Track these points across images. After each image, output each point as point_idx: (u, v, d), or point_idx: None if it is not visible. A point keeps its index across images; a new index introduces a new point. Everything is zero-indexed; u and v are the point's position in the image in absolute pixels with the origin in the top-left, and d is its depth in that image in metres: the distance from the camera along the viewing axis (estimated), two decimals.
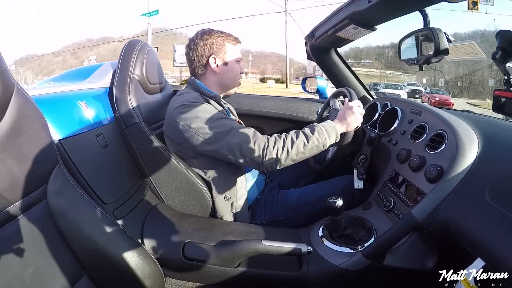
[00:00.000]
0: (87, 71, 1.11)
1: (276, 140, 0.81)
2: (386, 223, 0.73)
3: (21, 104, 0.50)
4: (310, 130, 0.83)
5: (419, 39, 0.87)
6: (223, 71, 0.96)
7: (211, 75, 0.96)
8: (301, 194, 0.97)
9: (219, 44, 0.95)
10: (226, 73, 0.97)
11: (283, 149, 0.79)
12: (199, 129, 0.82)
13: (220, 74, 0.97)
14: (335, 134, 0.84)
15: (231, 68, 0.97)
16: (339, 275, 0.69)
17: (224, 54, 0.96)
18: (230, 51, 0.96)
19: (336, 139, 0.84)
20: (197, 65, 0.96)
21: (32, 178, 0.52)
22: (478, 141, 0.68)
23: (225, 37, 0.96)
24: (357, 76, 1.35)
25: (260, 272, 0.72)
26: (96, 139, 0.79)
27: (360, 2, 0.81)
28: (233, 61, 0.97)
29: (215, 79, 0.97)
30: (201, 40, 0.94)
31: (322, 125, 0.84)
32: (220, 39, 0.95)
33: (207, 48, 0.94)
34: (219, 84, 0.98)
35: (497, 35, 0.57)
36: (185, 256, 0.74)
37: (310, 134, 0.81)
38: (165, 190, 0.93)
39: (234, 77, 0.99)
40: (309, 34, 1.20)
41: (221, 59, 0.96)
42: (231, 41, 0.97)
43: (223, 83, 0.98)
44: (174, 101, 0.89)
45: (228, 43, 0.96)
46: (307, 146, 0.80)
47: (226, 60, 0.96)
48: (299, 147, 0.80)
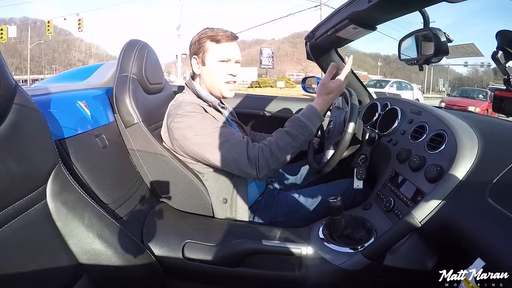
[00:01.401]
0: (87, 71, 1.11)
1: (264, 153, 0.79)
2: (386, 223, 0.73)
3: (21, 104, 0.50)
4: (293, 126, 0.81)
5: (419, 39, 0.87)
6: (203, 72, 0.92)
7: (198, 76, 0.95)
8: (301, 195, 0.96)
9: (200, 43, 0.90)
10: (206, 75, 0.92)
11: (272, 157, 0.79)
12: (194, 141, 0.81)
13: (202, 76, 0.93)
14: (317, 116, 0.82)
15: (211, 69, 0.90)
16: (339, 275, 0.69)
17: (203, 53, 0.90)
18: (210, 51, 0.89)
19: (321, 121, 0.84)
20: (191, 65, 0.95)
21: (32, 178, 0.52)
22: (478, 141, 0.68)
23: (208, 35, 0.89)
24: (357, 76, 1.35)
25: (260, 272, 0.72)
26: (96, 139, 0.79)
27: (360, 2, 0.80)
28: (213, 61, 0.89)
29: (200, 80, 0.95)
30: (192, 40, 0.93)
31: (302, 115, 0.82)
32: (203, 38, 0.89)
33: (192, 48, 0.92)
34: (205, 87, 0.94)
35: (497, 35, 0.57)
36: (185, 256, 0.74)
37: (294, 132, 0.80)
38: (165, 190, 0.93)
39: (215, 79, 0.91)
40: (309, 34, 1.19)
41: (200, 59, 0.91)
42: (214, 39, 0.89)
43: (206, 85, 0.94)
44: (171, 108, 0.88)
45: (209, 42, 0.89)
46: (294, 146, 0.80)
47: (204, 60, 0.90)
48: (287, 150, 0.80)
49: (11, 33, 15.97)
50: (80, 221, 0.58)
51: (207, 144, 0.81)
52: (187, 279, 0.78)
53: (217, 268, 0.72)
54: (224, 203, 0.88)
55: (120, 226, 0.66)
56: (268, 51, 19.60)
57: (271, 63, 19.72)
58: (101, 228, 0.61)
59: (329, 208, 0.70)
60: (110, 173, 0.82)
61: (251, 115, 1.49)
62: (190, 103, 0.86)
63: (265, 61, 16.09)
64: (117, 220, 0.67)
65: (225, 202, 0.88)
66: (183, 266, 0.74)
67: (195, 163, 0.89)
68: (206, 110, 0.87)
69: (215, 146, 0.80)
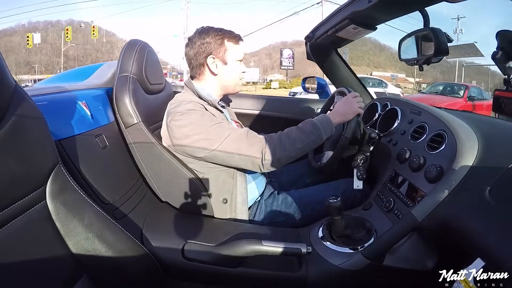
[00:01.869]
0: (87, 71, 1.11)
1: (272, 139, 0.81)
2: (386, 223, 0.73)
3: (21, 104, 0.50)
4: (305, 125, 0.84)
5: (419, 39, 0.87)
6: (222, 71, 0.93)
7: (210, 75, 0.94)
8: (301, 195, 0.96)
9: (218, 42, 0.90)
10: (225, 74, 0.94)
11: (280, 147, 0.80)
12: (195, 137, 0.81)
13: (219, 75, 0.93)
14: (330, 126, 0.85)
15: (231, 68, 0.94)
16: (339, 275, 0.69)
17: (223, 53, 0.91)
18: (230, 50, 0.92)
19: (331, 132, 0.86)
20: (195, 65, 0.93)
21: (32, 178, 0.52)
22: (478, 141, 0.68)
23: (225, 35, 0.91)
24: (357, 76, 1.35)
25: (260, 272, 0.72)
26: (96, 139, 0.79)
27: (360, 2, 0.81)
28: (233, 60, 0.93)
29: (214, 80, 0.94)
30: (199, 39, 0.91)
31: (316, 119, 0.86)
32: (219, 37, 0.91)
33: (205, 47, 0.91)
34: (219, 85, 0.95)
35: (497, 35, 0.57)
36: (185, 256, 0.74)
37: (306, 130, 0.83)
38: (165, 190, 0.93)
39: (234, 77, 0.96)
40: (309, 34, 1.19)
41: (220, 59, 0.92)
42: (231, 39, 0.92)
43: (222, 84, 0.95)
44: (170, 108, 0.88)
45: (228, 42, 0.91)
46: (303, 141, 0.81)
47: (225, 59, 0.92)
48: (296, 143, 0.81)
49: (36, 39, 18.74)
50: (80, 221, 0.58)
51: (208, 138, 0.81)
52: (187, 279, 0.78)
53: (217, 268, 0.72)
54: (224, 203, 0.88)
55: (120, 226, 0.66)
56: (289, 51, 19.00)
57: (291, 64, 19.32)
58: (101, 228, 0.61)
59: (329, 208, 0.70)
60: (110, 174, 0.82)
61: (251, 115, 1.49)
62: (190, 102, 0.86)
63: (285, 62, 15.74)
64: (117, 220, 0.67)
65: (225, 202, 0.88)
66: (183, 266, 0.74)
67: (195, 162, 0.89)
68: (206, 109, 0.87)
69: (217, 140, 0.80)
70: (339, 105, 0.90)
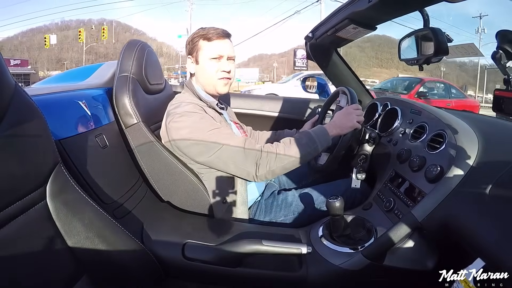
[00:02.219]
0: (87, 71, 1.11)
1: (268, 151, 0.80)
2: (386, 223, 0.73)
3: (21, 104, 0.50)
4: (301, 137, 0.84)
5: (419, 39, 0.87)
6: (198, 70, 0.93)
7: (194, 76, 0.96)
8: (301, 195, 0.96)
9: (193, 42, 0.91)
10: (200, 73, 0.93)
11: (275, 159, 0.79)
12: (192, 141, 0.81)
13: (196, 75, 0.94)
14: (326, 139, 0.84)
15: (203, 67, 0.91)
16: (339, 275, 0.69)
17: (196, 53, 0.91)
18: (202, 49, 0.90)
19: (328, 144, 0.85)
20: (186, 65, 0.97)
21: (32, 178, 0.52)
22: (478, 141, 0.68)
23: (200, 34, 0.90)
24: (357, 76, 1.35)
25: (260, 272, 0.72)
26: (96, 139, 0.79)
27: (360, 2, 0.80)
28: (205, 59, 0.90)
29: (196, 79, 0.96)
30: (187, 41, 0.94)
31: (313, 131, 0.85)
32: (195, 37, 0.91)
33: (187, 48, 0.94)
34: (200, 86, 0.95)
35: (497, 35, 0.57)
36: (185, 256, 0.74)
37: (302, 142, 0.82)
38: (165, 190, 0.93)
39: (208, 77, 0.92)
40: (309, 34, 1.19)
41: (194, 59, 0.92)
42: (205, 38, 0.90)
43: (201, 83, 0.94)
44: (170, 108, 0.88)
45: (202, 41, 0.90)
46: (299, 154, 0.80)
47: (197, 59, 0.91)
48: (291, 155, 0.80)
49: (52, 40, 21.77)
50: (80, 220, 0.58)
51: (204, 144, 0.80)
52: (187, 279, 0.78)
53: (217, 268, 0.72)
54: (223, 203, 0.88)
55: (120, 226, 0.66)
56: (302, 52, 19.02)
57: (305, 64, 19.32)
58: (101, 228, 0.61)
59: (329, 208, 0.70)
60: (110, 173, 0.82)
61: (251, 115, 1.49)
62: (190, 103, 0.86)
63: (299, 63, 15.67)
64: (117, 220, 0.67)
65: (224, 202, 0.88)
66: (183, 266, 0.74)
67: (195, 163, 0.89)
68: (205, 111, 0.87)
69: (213, 147, 0.80)
70: (339, 116, 0.88)
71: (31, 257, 0.50)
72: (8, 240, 0.47)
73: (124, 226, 0.68)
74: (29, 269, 0.49)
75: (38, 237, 0.52)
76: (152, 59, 1.02)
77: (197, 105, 0.87)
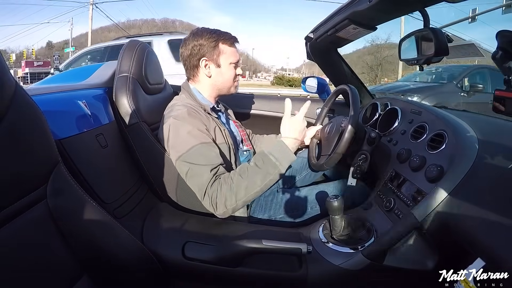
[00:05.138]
0: (87, 71, 1.11)
1: (223, 189, 0.76)
2: (386, 223, 0.73)
3: (22, 104, 0.50)
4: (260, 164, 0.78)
5: (419, 39, 0.87)
6: (215, 74, 0.92)
7: (204, 78, 0.93)
8: (301, 194, 0.97)
9: (211, 45, 0.89)
10: (218, 77, 0.92)
11: (232, 196, 0.75)
12: (174, 151, 0.82)
13: (212, 78, 0.92)
14: (288, 157, 0.79)
15: (224, 71, 0.92)
16: (339, 275, 0.69)
17: (217, 56, 0.89)
18: (223, 53, 0.90)
19: (291, 160, 0.79)
20: (189, 66, 0.93)
21: (32, 178, 0.52)
22: (478, 141, 0.68)
23: (218, 37, 0.89)
24: (357, 76, 1.35)
25: (260, 272, 0.72)
26: (96, 139, 0.79)
27: (360, 2, 0.81)
28: (226, 63, 0.91)
29: (207, 82, 0.93)
30: (193, 40, 0.90)
31: (272, 155, 0.78)
32: (212, 40, 0.89)
33: (198, 49, 0.89)
34: (212, 88, 0.94)
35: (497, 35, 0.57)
36: (185, 256, 0.74)
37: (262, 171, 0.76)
38: (165, 190, 0.93)
39: (227, 81, 0.93)
40: (309, 34, 1.19)
41: (213, 62, 0.90)
42: (225, 42, 0.90)
43: (216, 86, 0.94)
44: (166, 112, 0.89)
45: (222, 44, 0.89)
46: (258, 185, 0.76)
47: (218, 62, 0.90)
48: (250, 189, 0.76)
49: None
50: (80, 220, 0.58)
51: (182, 160, 0.80)
52: (187, 279, 0.78)
53: (217, 268, 0.72)
54: None
55: (120, 226, 0.66)
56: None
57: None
58: (101, 228, 0.61)
59: (329, 208, 0.70)
60: (110, 173, 0.82)
61: (251, 115, 1.49)
62: (182, 108, 0.86)
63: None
64: (117, 220, 0.67)
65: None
66: (183, 266, 0.74)
67: None
68: (199, 113, 0.87)
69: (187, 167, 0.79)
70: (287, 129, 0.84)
71: (31, 256, 0.50)
72: (9, 239, 0.47)
73: (124, 225, 0.68)
74: (29, 268, 0.49)
75: (38, 236, 0.52)
76: (152, 59, 1.02)
77: (190, 108, 0.86)
